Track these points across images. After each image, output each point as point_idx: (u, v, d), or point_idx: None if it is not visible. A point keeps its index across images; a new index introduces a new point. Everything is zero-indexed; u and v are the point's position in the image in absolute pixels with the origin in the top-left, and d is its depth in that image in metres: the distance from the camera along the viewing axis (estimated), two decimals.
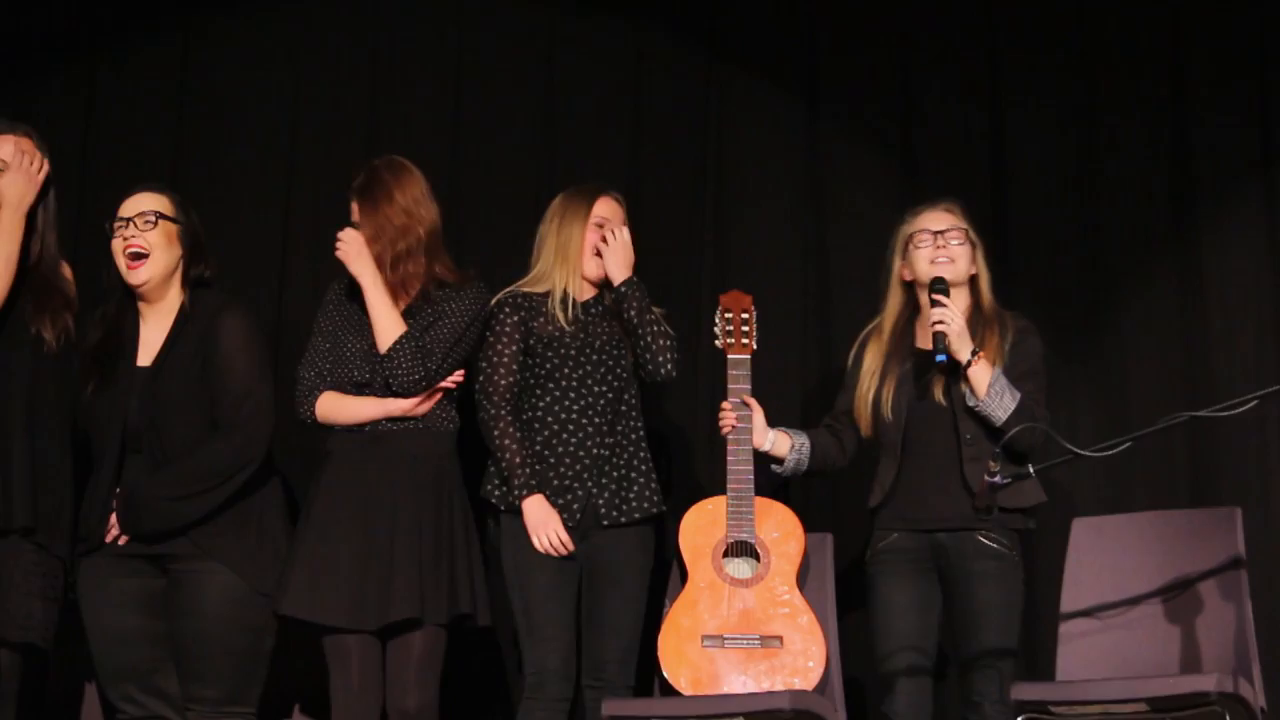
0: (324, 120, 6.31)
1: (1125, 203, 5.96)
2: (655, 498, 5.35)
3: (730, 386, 5.29)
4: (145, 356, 5.07)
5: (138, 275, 5.04)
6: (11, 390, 4.96)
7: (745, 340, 5.33)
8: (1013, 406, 5.05)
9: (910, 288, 5.30)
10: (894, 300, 5.32)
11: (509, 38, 6.34)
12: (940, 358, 5.08)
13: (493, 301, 5.38)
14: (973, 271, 5.26)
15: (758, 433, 5.28)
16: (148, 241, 5.04)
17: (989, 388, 5.06)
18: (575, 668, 5.26)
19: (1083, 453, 4.44)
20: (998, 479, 4.50)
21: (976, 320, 5.20)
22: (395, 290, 5.23)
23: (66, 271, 5.17)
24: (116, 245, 5.04)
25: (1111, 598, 5.25)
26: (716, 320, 5.35)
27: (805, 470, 5.35)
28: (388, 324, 5.19)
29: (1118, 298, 5.93)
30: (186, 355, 5.03)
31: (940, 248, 5.21)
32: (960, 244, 5.24)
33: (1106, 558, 5.31)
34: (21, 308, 4.98)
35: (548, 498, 5.25)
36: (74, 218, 5.54)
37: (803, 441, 5.34)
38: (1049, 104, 6.05)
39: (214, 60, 6.38)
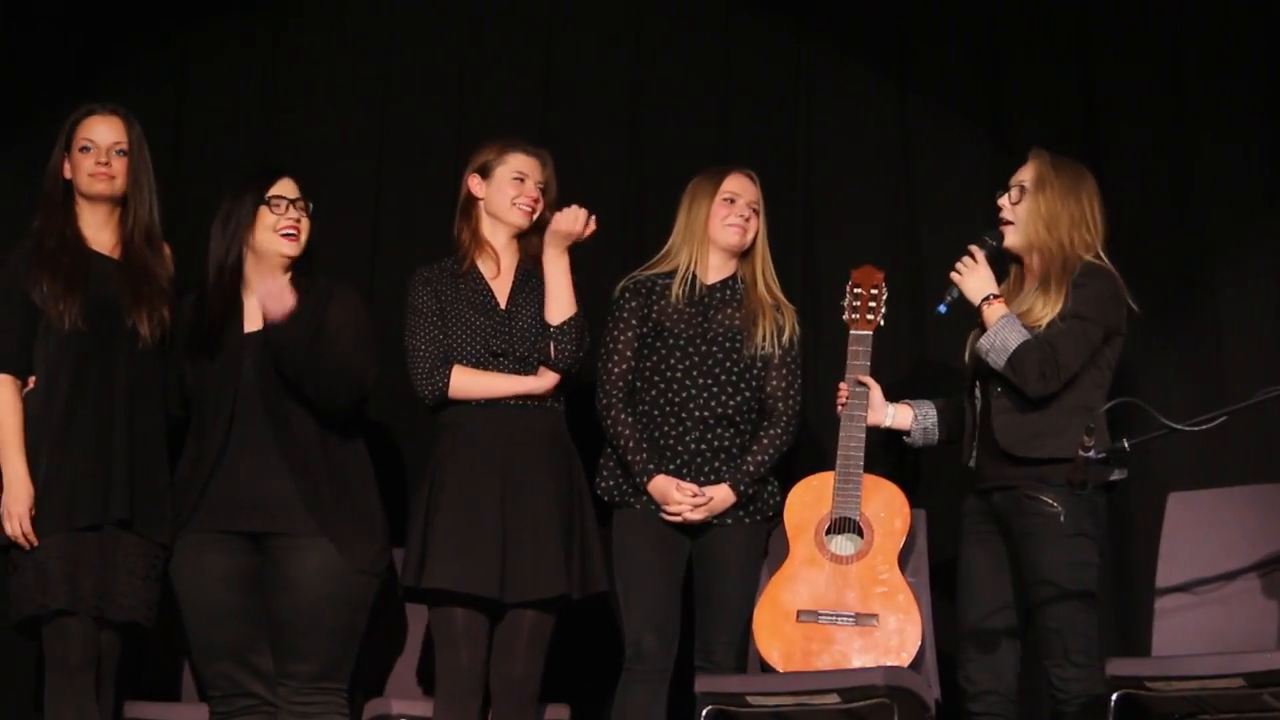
0: (414, 101, 6.32)
1: (1220, 169, 5.89)
2: (754, 506, 5.34)
3: (850, 363, 5.27)
4: (254, 324, 5.12)
5: (294, 247, 5.16)
6: (113, 384, 5.04)
7: (870, 316, 5.30)
8: (1011, 347, 4.97)
9: None
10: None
11: (598, 14, 6.34)
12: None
13: (617, 288, 5.44)
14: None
15: (876, 409, 5.25)
16: (303, 224, 5.17)
17: (990, 332, 5.00)
18: (675, 642, 5.28)
19: (1178, 427, 4.40)
20: (1092, 453, 4.45)
21: (1042, 280, 5.09)
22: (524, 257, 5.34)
23: (167, 253, 5.25)
24: (271, 219, 5.12)
25: (1207, 573, 5.20)
26: (846, 294, 5.32)
27: (940, 438, 5.32)
28: (566, 299, 5.23)
29: (1212, 268, 5.86)
30: (301, 319, 5.08)
31: (1002, 208, 5.14)
32: (1018, 201, 5.12)
33: (1202, 532, 5.26)
34: (119, 299, 5.05)
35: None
36: (167, 201, 5.57)
37: (927, 411, 5.31)
38: (1140, 73, 5.99)
39: (305, 44, 6.40)
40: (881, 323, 5.31)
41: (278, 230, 5.13)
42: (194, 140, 6.28)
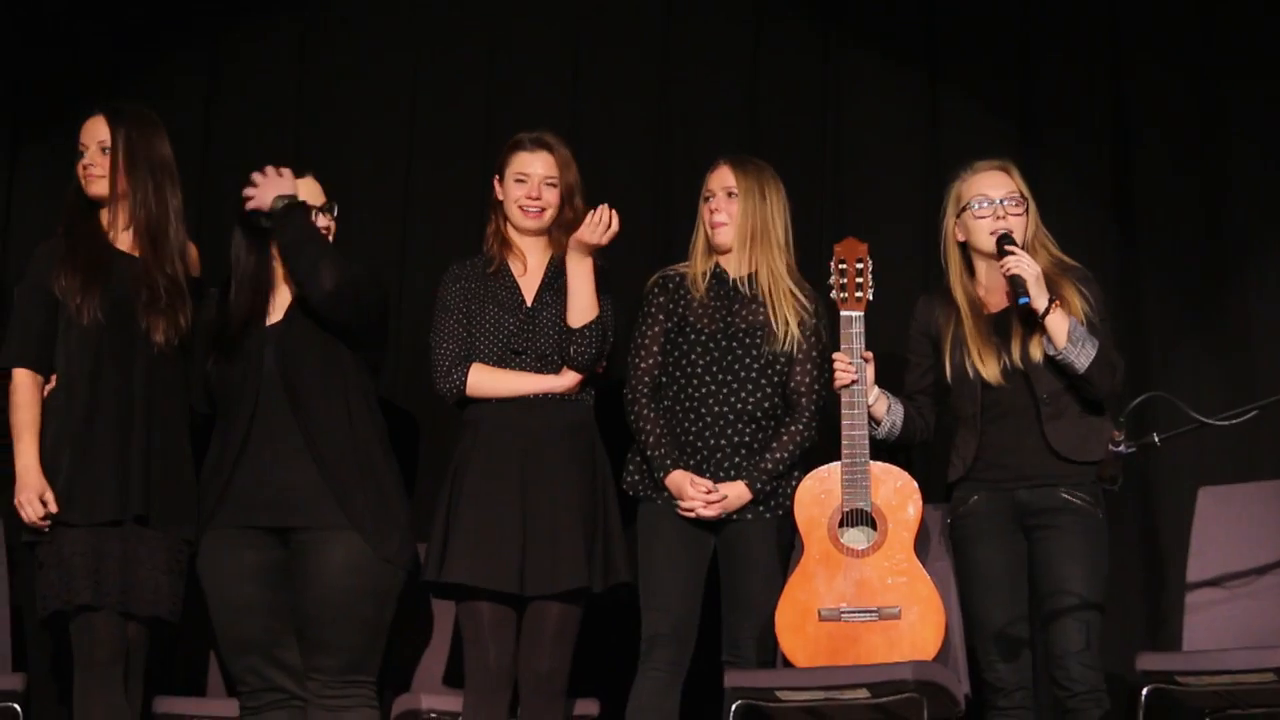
0: (442, 96, 6.34)
1: (1250, 161, 5.89)
2: (776, 501, 5.31)
3: (843, 346, 5.19)
4: (276, 315, 5.14)
5: None
6: (132, 380, 5.05)
7: (859, 294, 5.20)
8: (1093, 354, 5.02)
9: (964, 247, 5.24)
10: (954, 263, 5.26)
11: (625, 12, 6.34)
12: (1023, 300, 5.02)
13: (649, 282, 5.45)
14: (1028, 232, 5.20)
15: (867, 386, 5.19)
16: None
17: (1069, 335, 5.02)
18: (693, 640, 5.28)
19: (1208, 421, 4.39)
20: (1122, 448, 4.44)
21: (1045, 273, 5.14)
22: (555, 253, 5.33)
23: (192, 254, 5.26)
24: None
25: (1238, 567, 5.20)
26: (831, 271, 5.25)
27: (897, 436, 5.29)
28: (587, 303, 5.22)
29: (1242, 260, 5.85)
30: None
31: (999, 219, 5.14)
32: (1019, 213, 5.17)
33: (1233, 527, 5.26)
34: (134, 302, 5.06)
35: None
36: (196, 198, 5.59)
37: (898, 409, 5.28)
38: (1171, 63, 5.99)
39: (333, 40, 6.42)
40: (870, 298, 5.22)
41: None
42: (223, 139, 6.31)
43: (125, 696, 4.97)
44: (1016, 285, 5.04)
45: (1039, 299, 5.03)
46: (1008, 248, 5.09)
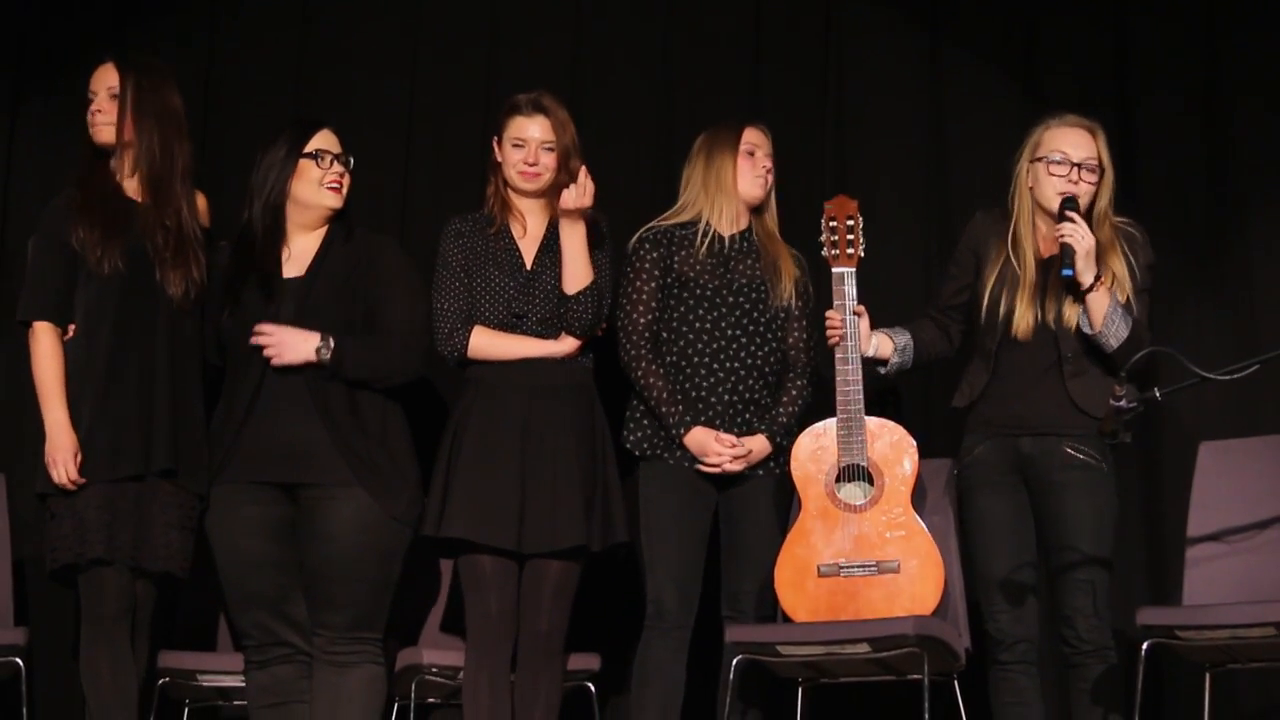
0: (444, 53, 6.32)
1: (1253, 118, 5.87)
2: (782, 458, 5.32)
3: (835, 303, 5.18)
4: (293, 270, 5.12)
5: (338, 200, 5.15)
6: (155, 331, 5.03)
7: (850, 251, 5.20)
8: (1125, 335, 5.01)
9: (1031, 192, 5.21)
10: (1025, 207, 5.20)
11: None
12: (1066, 272, 4.99)
13: (633, 239, 5.42)
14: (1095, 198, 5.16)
15: (862, 338, 5.18)
16: (345, 179, 5.17)
17: (1106, 318, 5.01)
18: (696, 600, 5.28)
19: (1210, 376, 4.40)
20: (1124, 404, 4.45)
21: (1103, 254, 5.11)
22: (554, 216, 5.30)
23: (201, 205, 5.25)
24: (316, 173, 5.11)
25: (1239, 521, 5.20)
26: (822, 228, 5.24)
27: (910, 366, 5.29)
28: (581, 269, 5.21)
29: (1245, 215, 5.85)
30: (339, 266, 5.10)
31: (1072, 182, 5.10)
32: (1092, 181, 5.13)
33: (1234, 481, 5.26)
34: (151, 255, 5.05)
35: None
36: (199, 153, 5.58)
37: (905, 341, 5.27)
38: (1175, 21, 5.97)
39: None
40: (862, 255, 5.21)
41: (323, 184, 5.13)
42: (224, 95, 6.28)
43: (131, 651, 4.98)
44: (1065, 254, 5.02)
45: (1085, 274, 5.01)
46: (1068, 213, 5.05)
